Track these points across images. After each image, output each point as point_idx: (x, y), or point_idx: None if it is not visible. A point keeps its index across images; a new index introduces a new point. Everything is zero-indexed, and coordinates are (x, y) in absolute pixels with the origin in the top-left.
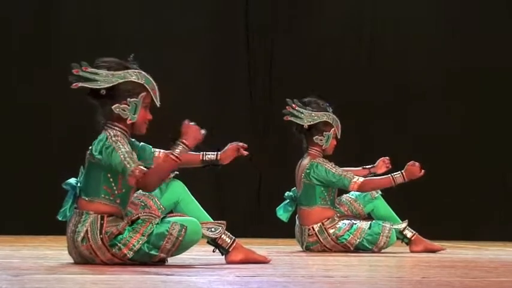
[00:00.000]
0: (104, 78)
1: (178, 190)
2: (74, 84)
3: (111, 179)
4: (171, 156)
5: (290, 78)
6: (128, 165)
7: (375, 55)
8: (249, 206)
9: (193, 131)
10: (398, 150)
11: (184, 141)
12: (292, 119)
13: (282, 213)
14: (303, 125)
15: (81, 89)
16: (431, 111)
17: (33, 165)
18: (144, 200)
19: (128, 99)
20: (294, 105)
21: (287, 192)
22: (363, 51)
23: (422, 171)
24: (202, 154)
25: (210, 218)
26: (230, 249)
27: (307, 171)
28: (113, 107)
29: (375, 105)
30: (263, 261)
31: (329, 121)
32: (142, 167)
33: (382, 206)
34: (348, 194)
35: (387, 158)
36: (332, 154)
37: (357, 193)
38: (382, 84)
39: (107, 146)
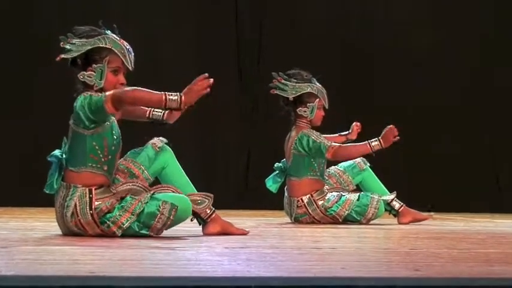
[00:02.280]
0: (76, 48)
1: (166, 157)
2: (58, 57)
3: (96, 147)
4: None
5: (279, 53)
6: (102, 94)
7: (363, 36)
8: (237, 177)
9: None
10: (383, 125)
11: (182, 97)
12: (278, 92)
13: (271, 184)
14: (288, 98)
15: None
16: (423, 85)
17: (20, 136)
18: (131, 168)
19: (93, 65)
20: (279, 78)
21: (276, 163)
22: (352, 33)
23: (397, 137)
24: (150, 111)
25: (194, 188)
26: (208, 220)
27: (296, 141)
28: (78, 75)
29: (364, 79)
30: (241, 234)
31: (313, 92)
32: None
33: (371, 178)
34: (336, 166)
35: (358, 123)
36: (320, 125)
37: (345, 165)
38: (370, 62)
39: (83, 98)
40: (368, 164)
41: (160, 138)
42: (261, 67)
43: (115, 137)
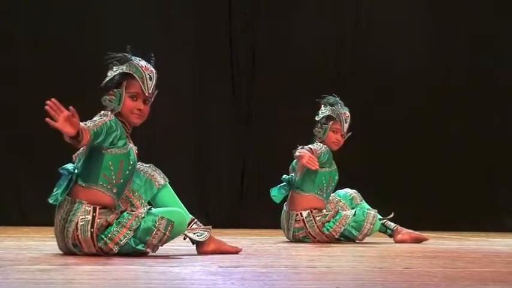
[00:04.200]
0: (110, 74)
1: (165, 194)
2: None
3: (111, 167)
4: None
5: (273, 65)
6: None
7: (359, 45)
8: (232, 196)
9: None
10: (378, 144)
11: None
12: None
13: (276, 194)
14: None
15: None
16: (414, 104)
17: (18, 157)
18: (132, 199)
19: (114, 89)
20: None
21: (285, 175)
22: (346, 41)
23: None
24: None
25: (187, 211)
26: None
27: None
28: (101, 99)
29: (363, 86)
30: (235, 251)
31: (332, 115)
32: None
33: (367, 207)
34: (333, 194)
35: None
36: (337, 151)
37: (341, 194)
38: (369, 68)
39: None
40: (363, 201)
41: (163, 176)
42: (256, 78)
43: (131, 162)
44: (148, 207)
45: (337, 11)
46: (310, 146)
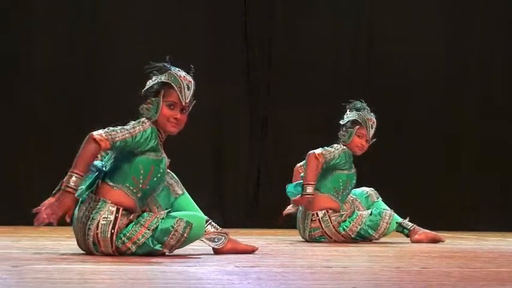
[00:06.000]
0: (149, 83)
1: (182, 200)
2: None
3: (141, 171)
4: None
5: (288, 73)
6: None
7: (374, 46)
8: (248, 196)
9: None
10: (395, 145)
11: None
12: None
13: (292, 190)
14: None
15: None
16: (430, 105)
17: (34, 156)
18: (150, 205)
19: (152, 98)
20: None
21: (303, 173)
22: (361, 43)
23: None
24: None
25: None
26: None
27: None
28: (139, 107)
29: (373, 97)
30: (251, 250)
31: (358, 120)
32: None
33: (383, 206)
34: (349, 194)
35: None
36: (360, 155)
37: (357, 192)
38: (381, 76)
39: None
40: (380, 198)
41: (181, 185)
42: (271, 86)
43: (161, 170)
44: (168, 209)
45: (352, 17)
46: (321, 149)
